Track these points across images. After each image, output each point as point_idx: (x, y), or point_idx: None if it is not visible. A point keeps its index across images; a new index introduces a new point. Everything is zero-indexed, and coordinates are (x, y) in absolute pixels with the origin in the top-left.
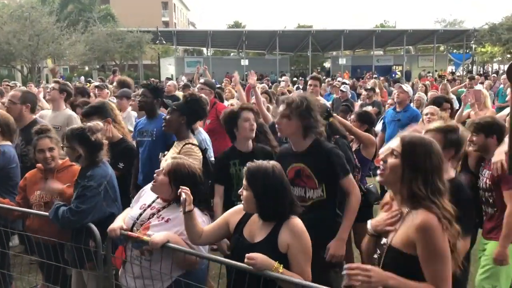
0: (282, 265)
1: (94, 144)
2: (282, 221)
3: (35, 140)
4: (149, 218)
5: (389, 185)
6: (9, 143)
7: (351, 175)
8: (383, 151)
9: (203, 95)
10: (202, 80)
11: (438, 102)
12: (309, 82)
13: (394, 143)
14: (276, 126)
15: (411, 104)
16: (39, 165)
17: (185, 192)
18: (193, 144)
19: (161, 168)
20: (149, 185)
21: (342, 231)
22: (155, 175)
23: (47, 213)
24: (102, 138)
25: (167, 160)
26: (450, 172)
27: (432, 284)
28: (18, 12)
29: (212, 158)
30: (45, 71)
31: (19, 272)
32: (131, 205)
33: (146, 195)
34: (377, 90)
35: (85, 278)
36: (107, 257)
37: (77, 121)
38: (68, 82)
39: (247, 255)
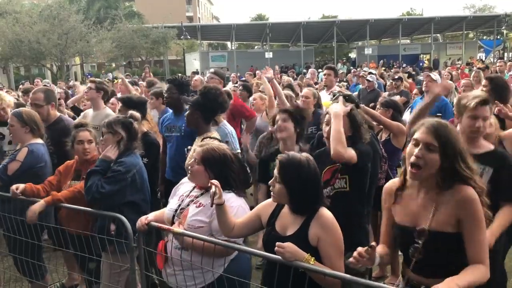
0: (313, 257)
1: (134, 131)
2: (313, 214)
3: (74, 132)
4: (188, 205)
5: (424, 179)
6: (39, 140)
7: None
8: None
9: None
10: (212, 70)
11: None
12: (323, 72)
13: (422, 136)
14: (325, 133)
15: None
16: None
17: (215, 185)
18: (211, 138)
19: (189, 161)
20: (185, 179)
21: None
22: (189, 166)
23: (81, 207)
24: (139, 128)
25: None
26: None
27: (477, 258)
28: (47, 12)
29: (238, 150)
30: (73, 69)
31: (54, 265)
32: (169, 199)
33: (183, 187)
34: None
35: (103, 265)
36: (139, 248)
37: None
38: (104, 81)
39: (277, 243)
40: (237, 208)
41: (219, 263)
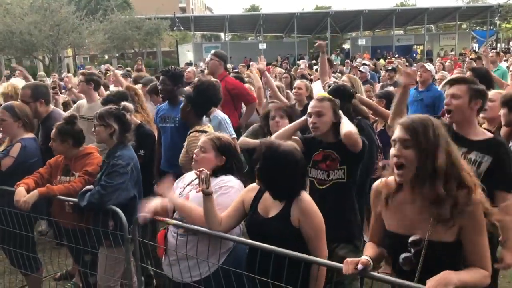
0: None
1: (127, 122)
2: (293, 197)
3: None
4: (188, 193)
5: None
6: (31, 135)
7: None
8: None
9: (212, 79)
10: (213, 51)
11: None
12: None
13: (397, 134)
14: (311, 125)
15: (434, 84)
16: None
17: (204, 173)
18: (198, 131)
19: (182, 156)
20: (186, 175)
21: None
22: (194, 156)
23: (75, 199)
24: (132, 119)
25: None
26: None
27: (478, 264)
28: (38, 3)
29: (234, 136)
30: (65, 61)
31: (49, 257)
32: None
33: (185, 179)
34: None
35: (99, 258)
36: (134, 240)
37: None
38: (94, 71)
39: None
40: (236, 189)
41: (215, 255)
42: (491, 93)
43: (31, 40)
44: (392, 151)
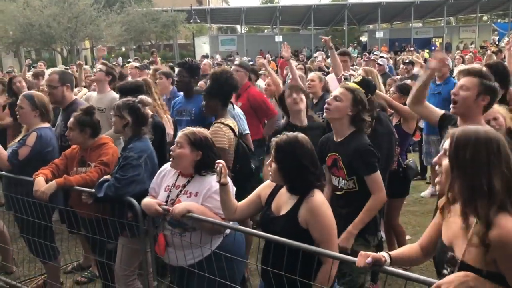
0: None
1: (142, 116)
2: (305, 195)
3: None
4: (177, 196)
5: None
6: (47, 125)
7: (376, 174)
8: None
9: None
10: (237, 62)
11: None
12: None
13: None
14: (326, 105)
15: (453, 77)
16: None
17: (221, 164)
18: (222, 124)
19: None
20: (165, 166)
21: (353, 225)
22: (171, 152)
23: (92, 190)
24: (149, 113)
25: None
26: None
27: None
28: None
29: (247, 131)
30: (83, 53)
31: (67, 247)
32: (149, 190)
33: (166, 177)
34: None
35: (118, 248)
36: (149, 231)
37: None
38: (113, 66)
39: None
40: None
41: (215, 240)
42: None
43: (50, 32)
44: (435, 158)
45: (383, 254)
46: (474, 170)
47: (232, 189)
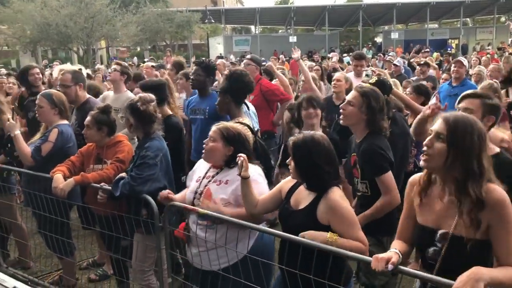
0: (336, 234)
1: (144, 114)
2: (323, 192)
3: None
4: (205, 186)
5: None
6: (66, 121)
7: (385, 176)
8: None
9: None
10: (249, 56)
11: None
12: (354, 63)
13: (436, 126)
14: (341, 112)
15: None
16: None
17: (242, 158)
18: (241, 123)
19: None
20: (201, 160)
21: (360, 217)
22: (204, 145)
23: (109, 187)
24: (154, 110)
25: None
26: (493, 147)
27: (509, 262)
28: None
29: (257, 127)
30: (99, 53)
31: (83, 243)
32: (186, 183)
33: (199, 170)
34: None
35: (134, 244)
36: (164, 228)
37: None
38: (128, 65)
39: (300, 234)
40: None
41: (242, 243)
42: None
43: (67, 32)
44: (426, 140)
45: (396, 251)
46: (469, 154)
47: (264, 181)
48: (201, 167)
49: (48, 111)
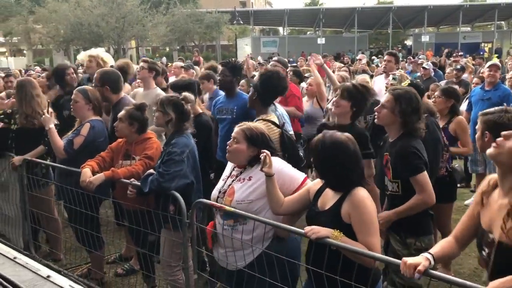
0: (342, 232)
1: (185, 112)
2: (348, 192)
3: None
4: (229, 186)
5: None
6: (98, 117)
7: (421, 175)
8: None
9: (279, 70)
10: (275, 58)
11: None
12: (384, 58)
13: None
14: (376, 113)
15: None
16: None
17: (265, 154)
18: (265, 120)
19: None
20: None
21: (393, 211)
22: (228, 147)
23: (138, 183)
24: (191, 110)
25: None
26: None
27: None
28: None
29: (291, 132)
30: (129, 52)
31: (111, 238)
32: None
33: (226, 169)
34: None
35: (161, 240)
36: (191, 225)
37: None
38: (156, 61)
39: (305, 228)
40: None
41: (260, 242)
42: None
43: (99, 31)
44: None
45: (427, 256)
46: None
47: (288, 166)
48: (228, 166)
49: (82, 106)
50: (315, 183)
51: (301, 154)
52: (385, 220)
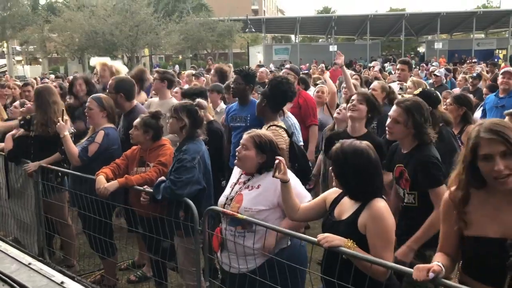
0: (355, 243)
1: (198, 118)
2: (367, 202)
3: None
4: (236, 192)
5: None
6: (112, 125)
7: (440, 188)
8: None
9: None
10: (288, 65)
11: None
12: (397, 66)
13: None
14: (387, 129)
15: None
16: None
17: (280, 161)
18: (277, 126)
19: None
20: (234, 172)
21: (414, 239)
22: (237, 153)
23: (151, 190)
24: (204, 116)
25: None
26: None
27: None
28: (120, 5)
29: (301, 142)
30: (142, 60)
31: (124, 244)
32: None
33: (233, 176)
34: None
35: (175, 246)
36: (203, 231)
37: None
38: (168, 70)
39: (318, 236)
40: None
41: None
42: None
43: (113, 40)
44: (491, 166)
45: (439, 264)
46: None
47: (296, 179)
48: (235, 172)
49: (97, 114)
50: (331, 192)
51: (310, 164)
52: (407, 253)
